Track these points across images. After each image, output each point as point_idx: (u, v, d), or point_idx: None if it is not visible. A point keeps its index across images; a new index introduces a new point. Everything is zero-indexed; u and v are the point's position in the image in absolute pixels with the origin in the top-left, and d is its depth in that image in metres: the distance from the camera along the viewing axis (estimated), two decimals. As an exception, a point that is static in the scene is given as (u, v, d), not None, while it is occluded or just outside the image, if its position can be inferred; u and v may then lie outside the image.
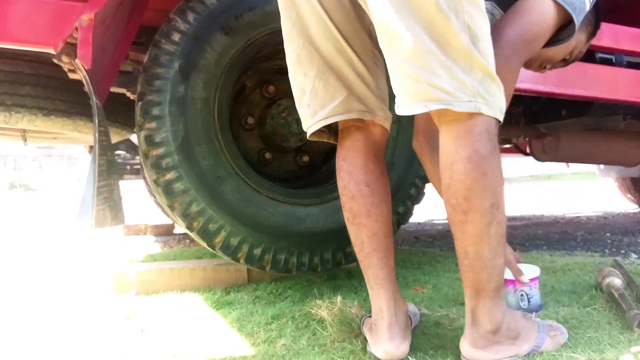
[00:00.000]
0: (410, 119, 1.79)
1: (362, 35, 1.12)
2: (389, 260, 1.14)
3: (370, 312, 1.23)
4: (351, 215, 1.15)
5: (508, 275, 1.38)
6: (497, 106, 0.96)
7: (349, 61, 1.11)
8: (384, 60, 1.02)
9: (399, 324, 1.10)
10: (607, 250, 2.39)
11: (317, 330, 1.28)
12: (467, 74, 0.93)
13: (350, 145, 1.15)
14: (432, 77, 0.91)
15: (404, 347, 1.08)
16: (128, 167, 4.70)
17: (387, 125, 1.17)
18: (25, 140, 2.47)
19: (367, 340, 1.16)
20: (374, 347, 1.10)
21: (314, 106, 1.13)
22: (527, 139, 3.00)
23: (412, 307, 1.27)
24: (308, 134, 1.18)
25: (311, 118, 1.14)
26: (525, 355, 1.02)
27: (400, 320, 1.11)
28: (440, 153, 0.99)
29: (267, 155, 1.89)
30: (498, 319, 1.01)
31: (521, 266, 1.43)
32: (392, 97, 1.03)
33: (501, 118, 0.98)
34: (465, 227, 0.96)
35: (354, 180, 1.14)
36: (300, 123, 1.82)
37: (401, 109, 0.96)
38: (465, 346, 1.02)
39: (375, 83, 1.15)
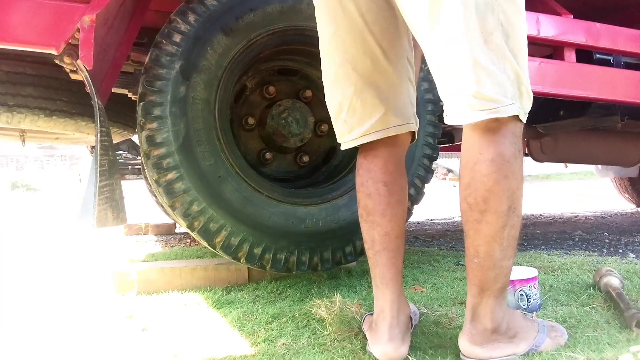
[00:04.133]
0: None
1: (399, 44, 1.13)
2: (398, 261, 1.15)
3: (370, 310, 1.24)
4: (365, 212, 1.16)
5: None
6: (523, 108, 0.97)
7: (385, 75, 1.12)
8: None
9: (399, 325, 1.10)
10: (605, 250, 2.40)
11: (317, 329, 1.29)
12: (506, 76, 0.94)
13: (373, 144, 1.16)
14: (477, 86, 0.92)
15: (402, 349, 1.08)
16: (129, 167, 4.71)
17: (415, 130, 1.19)
18: (23, 140, 2.47)
19: (367, 339, 1.17)
20: (373, 347, 1.10)
21: (351, 123, 1.14)
22: (525, 139, 3.01)
23: (412, 307, 1.28)
24: (342, 147, 1.20)
25: (348, 134, 1.16)
26: (524, 355, 1.03)
27: (401, 322, 1.11)
28: (462, 151, 0.99)
29: (268, 156, 1.90)
30: (499, 317, 1.02)
31: (519, 268, 1.44)
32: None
33: (524, 120, 0.99)
34: (479, 227, 0.97)
35: (372, 178, 1.15)
36: (300, 123, 1.85)
37: (450, 119, 0.98)
38: (463, 343, 1.03)
39: (408, 91, 1.16)
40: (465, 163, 0.98)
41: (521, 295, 1.34)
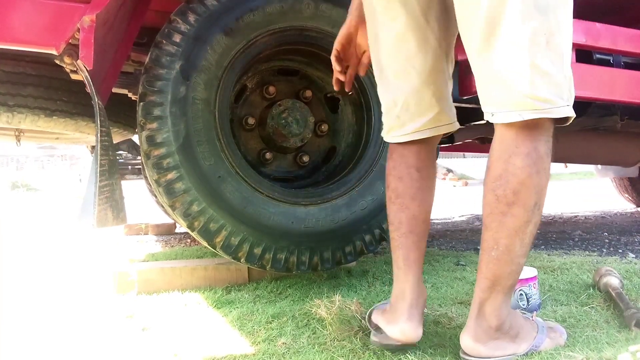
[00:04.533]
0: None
1: (452, 43, 1.16)
2: (422, 245, 1.16)
3: (369, 307, 1.24)
4: (394, 195, 1.17)
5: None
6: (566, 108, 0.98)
7: (442, 73, 1.15)
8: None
9: (418, 307, 1.12)
10: (604, 250, 2.41)
11: (317, 328, 1.29)
12: (562, 76, 0.95)
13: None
14: (532, 88, 0.93)
15: (420, 330, 1.09)
16: (129, 167, 4.72)
17: (458, 127, 1.21)
18: (19, 140, 2.47)
19: (367, 337, 1.18)
20: (389, 327, 1.10)
21: (404, 118, 1.16)
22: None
23: None
24: (391, 142, 1.21)
25: (399, 129, 1.17)
26: (523, 355, 1.04)
27: (419, 304, 1.13)
28: (495, 144, 1.00)
29: (268, 156, 1.90)
30: (504, 316, 1.02)
31: None
32: None
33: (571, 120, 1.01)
34: (504, 219, 0.98)
35: (405, 163, 1.17)
36: (300, 123, 1.85)
37: (496, 117, 0.99)
38: (466, 339, 1.03)
39: (451, 89, 1.19)
40: (499, 155, 0.99)
41: (521, 295, 1.35)
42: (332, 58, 1.26)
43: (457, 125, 1.20)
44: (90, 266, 2.35)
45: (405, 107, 1.15)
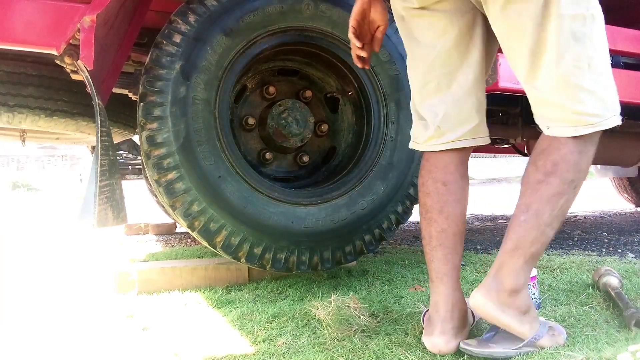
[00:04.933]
0: (409, 120, 1.81)
1: (492, 58, 1.22)
2: (454, 257, 1.18)
3: (369, 307, 1.25)
4: (424, 210, 1.21)
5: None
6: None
7: (482, 87, 1.19)
8: None
9: (453, 320, 1.13)
10: (604, 250, 2.41)
11: (317, 328, 1.29)
12: (607, 92, 1.05)
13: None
14: (580, 106, 1.02)
15: (453, 344, 1.10)
16: (130, 167, 4.71)
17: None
18: (23, 140, 2.48)
19: (367, 337, 1.19)
20: (424, 338, 1.14)
21: (444, 128, 1.19)
22: (525, 140, 3.01)
23: None
24: (427, 150, 1.23)
25: (438, 138, 1.20)
26: (522, 346, 1.04)
27: (455, 317, 1.14)
28: (546, 137, 1.07)
29: (268, 156, 1.90)
30: (520, 283, 1.05)
31: None
32: None
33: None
34: (539, 187, 1.03)
35: (432, 178, 1.20)
36: (300, 123, 1.85)
37: (552, 131, 1.06)
38: (478, 296, 1.06)
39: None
40: (549, 141, 1.06)
41: (520, 294, 1.35)
42: (350, 35, 1.28)
43: (488, 140, 1.23)
44: (91, 266, 2.35)
45: (446, 118, 1.18)
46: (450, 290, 1.15)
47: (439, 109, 1.19)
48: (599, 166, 4.62)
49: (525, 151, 3.21)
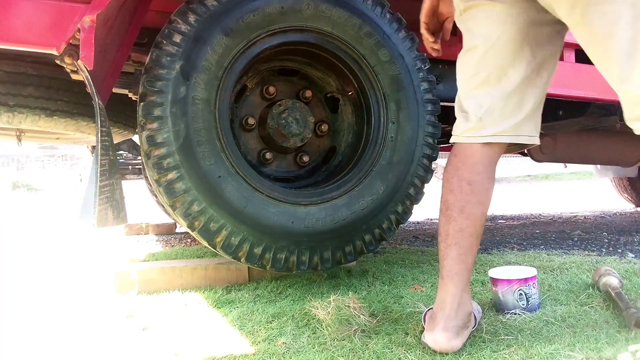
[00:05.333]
0: (409, 120, 1.81)
1: (551, 62, 1.21)
2: (467, 258, 1.17)
3: (369, 307, 1.24)
4: (445, 206, 1.20)
5: (507, 274, 1.39)
6: None
7: (534, 86, 1.19)
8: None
9: (457, 319, 1.13)
10: (604, 250, 2.41)
11: (317, 328, 1.30)
12: None
13: (468, 145, 1.21)
14: None
15: (455, 342, 1.10)
16: (130, 167, 4.72)
17: (538, 143, 1.24)
18: (20, 140, 2.48)
19: (367, 336, 1.18)
20: (426, 334, 1.13)
21: (485, 121, 1.18)
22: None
23: (475, 306, 1.29)
24: (463, 142, 1.22)
25: (477, 131, 1.19)
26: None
27: (459, 316, 1.14)
28: None
29: (268, 156, 1.90)
30: None
31: (518, 268, 1.44)
32: None
33: None
34: None
35: (458, 176, 1.19)
36: (300, 123, 1.85)
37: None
38: None
39: (541, 107, 1.23)
40: None
41: (520, 294, 1.35)
42: (423, 31, 1.31)
43: (536, 140, 1.22)
44: (91, 266, 2.35)
45: (490, 111, 1.18)
46: (458, 290, 1.15)
47: (485, 101, 1.18)
48: (599, 166, 4.63)
49: (525, 151, 3.21)
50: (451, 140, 1.26)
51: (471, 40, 1.21)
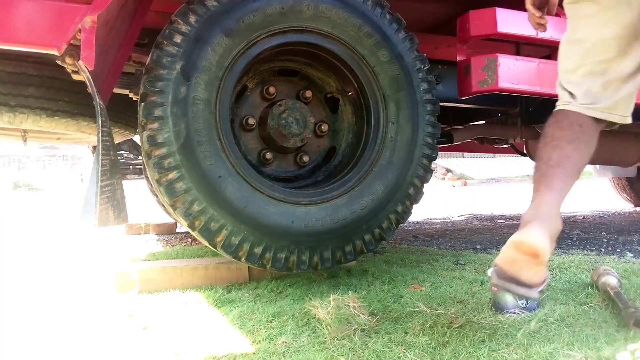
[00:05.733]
0: (409, 120, 1.82)
1: None
2: (567, 182, 1.18)
3: (369, 306, 1.25)
4: (550, 138, 1.24)
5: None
6: None
7: (637, 80, 1.24)
8: None
9: (550, 229, 1.11)
10: (603, 249, 2.42)
11: (317, 327, 1.30)
12: None
13: (571, 111, 1.27)
14: None
15: (546, 243, 1.06)
16: (131, 167, 4.73)
17: (627, 122, 1.30)
18: (25, 140, 2.49)
19: (367, 335, 1.18)
20: (513, 236, 1.09)
21: (582, 100, 1.25)
22: (524, 140, 3.02)
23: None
24: (568, 107, 1.27)
25: (575, 100, 1.26)
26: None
27: (551, 227, 1.12)
28: None
29: (268, 156, 1.91)
30: None
31: None
32: None
33: None
34: None
35: (569, 119, 1.24)
36: (300, 123, 1.86)
37: None
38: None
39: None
40: None
41: (519, 294, 1.35)
42: (528, 6, 1.35)
43: (628, 120, 1.28)
44: (92, 265, 2.36)
45: (588, 93, 1.25)
46: (555, 201, 1.15)
47: (585, 86, 1.24)
48: (597, 166, 4.63)
49: (524, 151, 3.21)
50: (556, 109, 1.30)
51: (576, 32, 1.27)
